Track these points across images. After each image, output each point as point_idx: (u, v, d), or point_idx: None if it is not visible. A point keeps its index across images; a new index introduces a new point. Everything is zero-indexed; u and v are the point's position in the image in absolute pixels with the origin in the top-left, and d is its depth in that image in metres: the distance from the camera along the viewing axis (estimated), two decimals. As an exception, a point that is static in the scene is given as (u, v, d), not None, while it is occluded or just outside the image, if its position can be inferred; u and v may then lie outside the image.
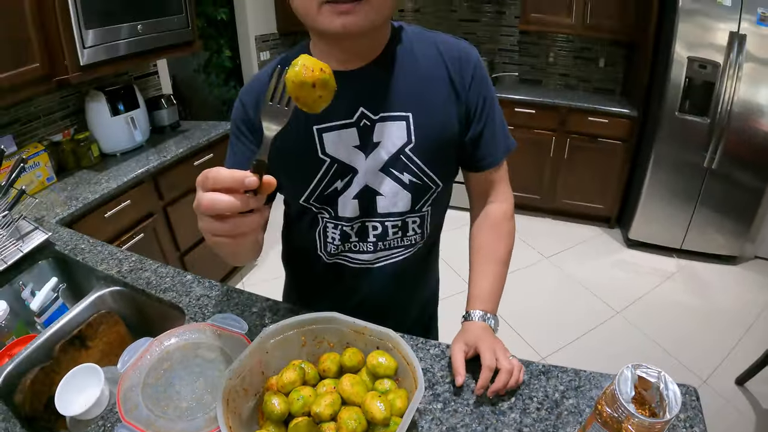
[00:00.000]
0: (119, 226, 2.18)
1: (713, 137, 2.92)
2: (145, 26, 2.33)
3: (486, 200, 1.01)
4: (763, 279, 3.16)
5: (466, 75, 0.87)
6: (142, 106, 2.57)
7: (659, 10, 3.01)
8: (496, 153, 0.93)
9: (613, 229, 3.72)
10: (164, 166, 2.39)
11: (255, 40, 3.95)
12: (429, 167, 0.88)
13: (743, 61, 2.73)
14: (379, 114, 0.84)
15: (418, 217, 0.94)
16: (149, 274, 1.25)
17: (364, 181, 0.88)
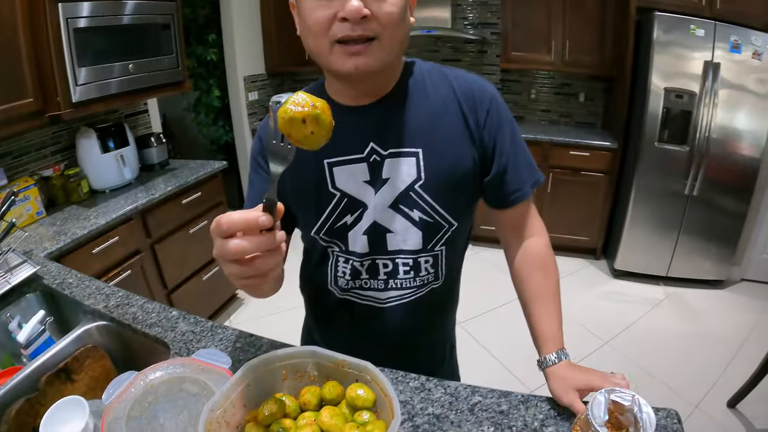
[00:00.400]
0: (107, 262, 2.18)
1: (693, 165, 3.00)
2: (136, 65, 2.39)
3: (521, 236, 0.97)
4: (750, 301, 3.20)
5: (481, 112, 0.86)
6: (132, 144, 2.60)
7: (635, 44, 3.12)
8: (523, 187, 0.91)
9: (599, 261, 3.75)
10: (152, 204, 2.40)
11: (243, 81, 4.04)
12: (440, 205, 0.87)
13: (719, 88, 2.83)
14: (388, 150, 0.84)
15: (431, 256, 0.92)
16: (135, 310, 1.25)
17: (373, 217, 0.87)
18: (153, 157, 2.82)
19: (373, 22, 0.70)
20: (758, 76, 2.80)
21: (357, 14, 0.68)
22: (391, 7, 0.71)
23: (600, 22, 3.34)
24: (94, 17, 2.13)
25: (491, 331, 2.83)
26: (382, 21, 0.71)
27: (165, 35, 2.56)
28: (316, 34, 0.72)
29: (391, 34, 0.73)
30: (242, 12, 3.91)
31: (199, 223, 2.72)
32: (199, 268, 2.76)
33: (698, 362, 2.61)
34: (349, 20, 0.68)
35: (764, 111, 2.85)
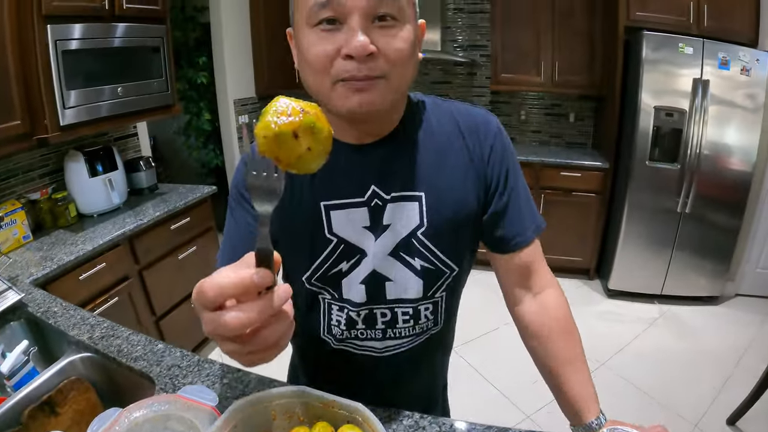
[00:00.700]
0: (94, 288, 2.13)
1: (685, 182, 3.01)
2: (125, 89, 2.37)
3: (529, 288, 0.89)
4: (746, 316, 3.19)
5: (485, 146, 0.82)
6: (120, 168, 2.57)
7: (624, 63, 3.15)
8: (525, 231, 0.85)
9: (592, 281, 3.73)
10: (141, 229, 2.36)
11: (234, 104, 4.03)
12: (443, 252, 0.82)
13: (708, 104, 2.86)
14: (390, 194, 0.78)
15: (431, 303, 0.86)
16: (121, 342, 1.21)
17: (372, 265, 0.81)
18: (142, 181, 2.79)
19: (380, 60, 0.64)
20: (746, 92, 2.84)
21: (363, 51, 0.62)
22: (401, 44, 0.66)
23: (589, 42, 3.39)
24: (83, 39, 2.12)
25: (485, 356, 2.79)
26: (390, 58, 0.65)
27: (154, 58, 2.55)
28: (316, 71, 0.66)
29: (400, 73, 0.68)
30: (232, 35, 3.91)
31: (188, 249, 2.68)
32: (188, 294, 2.70)
33: (696, 380, 2.58)
34: (355, 58, 0.63)
35: (754, 125, 2.88)
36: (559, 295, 0.88)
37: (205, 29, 4.01)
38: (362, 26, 0.62)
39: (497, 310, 2.89)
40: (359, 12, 0.62)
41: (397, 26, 0.66)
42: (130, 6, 2.34)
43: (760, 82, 2.81)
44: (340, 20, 0.63)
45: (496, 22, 3.58)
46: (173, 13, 3.90)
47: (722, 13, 2.92)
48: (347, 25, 0.63)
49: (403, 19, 0.66)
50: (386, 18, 0.64)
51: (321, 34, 0.64)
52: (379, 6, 0.63)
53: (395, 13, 0.65)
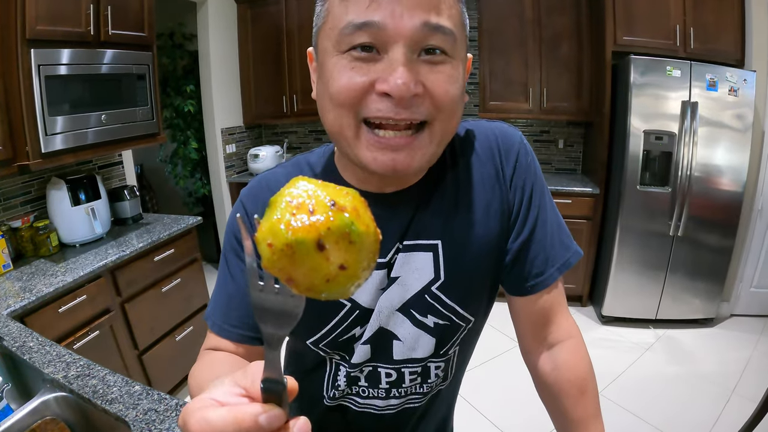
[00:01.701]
0: (74, 321, 2.04)
1: (676, 205, 2.99)
2: (109, 116, 2.32)
3: (545, 338, 0.76)
4: (742, 335, 3.16)
5: (507, 167, 0.70)
6: (103, 197, 2.50)
7: (612, 88, 3.16)
8: (547, 269, 0.71)
9: (585, 308, 3.66)
10: (123, 261, 2.28)
11: (221, 133, 4.01)
12: (459, 304, 0.70)
13: (697, 126, 2.86)
14: (404, 242, 0.67)
15: (442, 361, 0.76)
16: (96, 382, 1.14)
17: (378, 323, 0.70)
18: (126, 210, 2.72)
19: (425, 103, 0.53)
20: (735, 112, 2.85)
21: (406, 92, 0.50)
22: (452, 84, 0.54)
23: (576, 68, 3.41)
24: (67, 65, 2.09)
25: (482, 388, 2.70)
26: (437, 102, 0.53)
27: (140, 86, 2.51)
28: (339, 106, 0.54)
29: (446, 120, 0.55)
30: (220, 63, 3.92)
31: (172, 281, 2.59)
32: (171, 328, 2.62)
33: (695, 405, 2.52)
34: (393, 97, 0.51)
35: (743, 145, 2.89)
36: (576, 350, 0.75)
37: (193, 57, 4.04)
38: (407, 59, 0.51)
39: (493, 337, 2.83)
40: (405, 40, 0.50)
41: (448, 62, 0.54)
42: (116, 32, 2.32)
43: (749, 102, 2.83)
44: (379, 48, 0.51)
45: (484, 50, 3.59)
46: (162, 40, 3.93)
47: (708, 35, 2.96)
48: (388, 55, 0.51)
49: (454, 55, 0.54)
50: (435, 51, 0.52)
51: (353, 63, 0.52)
52: (431, 36, 0.51)
53: (448, 48, 0.53)
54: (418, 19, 0.50)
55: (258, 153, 4.04)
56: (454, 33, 0.53)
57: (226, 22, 3.97)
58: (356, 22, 0.50)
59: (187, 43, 4.14)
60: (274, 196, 0.31)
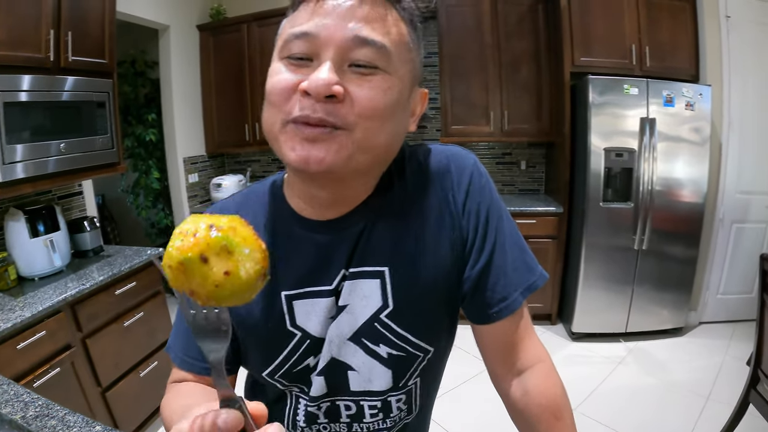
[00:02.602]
0: (34, 358, 1.93)
1: (639, 219, 3.08)
2: (68, 145, 2.24)
3: (514, 365, 0.73)
4: (712, 342, 3.24)
5: (459, 193, 0.68)
6: (63, 229, 2.40)
7: (572, 108, 3.26)
8: (511, 294, 0.68)
9: (555, 326, 3.68)
10: (83, 295, 2.17)
11: (183, 162, 3.94)
12: (414, 334, 0.68)
13: (656, 142, 2.97)
14: (350, 270, 0.66)
15: (403, 393, 0.73)
16: (56, 423, 1.07)
17: (329, 353, 0.68)
18: (86, 242, 2.60)
19: (345, 107, 0.54)
20: (692, 125, 2.98)
21: (323, 89, 0.52)
22: (376, 93, 0.55)
23: (536, 89, 3.52)
24: (27, 92, 2.02)
25: (456, 414, 2.65)
26: (358, 108, 0.54)
27: (100, 114, 2.44)
28: (271, 104, 0.56)
29: (369, 129, 0.55)
30: (182, 91, 3.88)
31: (135, 315, 2.48)
32: (135, 363, 2.49)
33: (672, 414, 2.55)
34: (312, 96, 0.53)
35: (702, 157, 3.01)
36: (547, 375, 0.72)
37: (155, 85, 3.98)
38: (333, 63, 0.53)
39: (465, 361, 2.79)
40: (335, 49, 0.53)
41: (379, 74, 0.55)
42: (77, 59, 2.27)
43: (705, 116, 2.96)
44: (313, 56, 0.54)
45: (445, 75, 3.65)
46: (123, 67, 3.87)
47: (663, 52, 3.12)
48: (319, 61, 0.54)
49: (388, 70, 0.56)
50: (366, 65, 0.54)
51: (289, 64, 0.56)
52: (360, 49, 0.54)
53: (378, 62, 0.55)
54: (349, 32, 0.53)
55: (221, 182, 3.98)
56: (386, 48, 0.55)
57: (189, 49, 3.95)
58: (296, 32, 0.55)
59: (149, 71, 4.10)
60: (174, 231, 0.36)
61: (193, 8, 3.98)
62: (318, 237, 0.67)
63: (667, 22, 3.11)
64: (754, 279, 3.39)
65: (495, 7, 3.44)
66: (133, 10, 3.25)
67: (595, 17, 3.09)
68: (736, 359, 3.00)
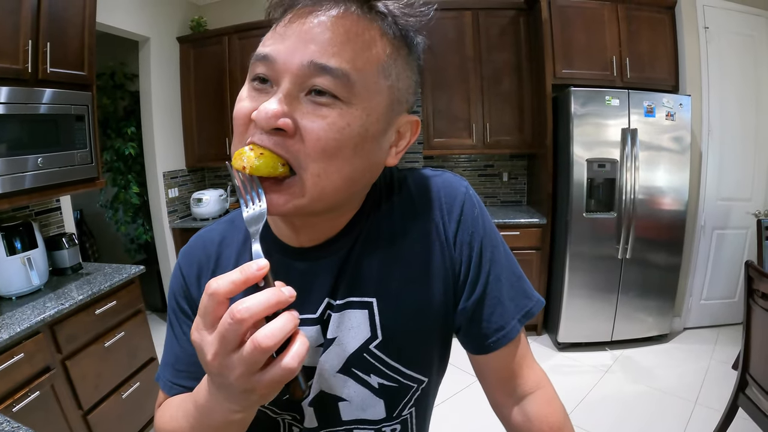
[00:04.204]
0: (11, 382, 1.84)
1: (623, 229, 3.11)
2: (46, 160, 2.16)
3: (512, 392, 0.73)
4: (697, 347, 3.29)
5: (450, 224, 0.66)
6: (41, 246, 2.31)
7: (554, 119, 3.29)
8: (509, 322, 0.67)
9: (541, 336, 3.69)
10: (62, 315, 2.09)
11: (163, 176, 3.86)
12: (406, 365, 0.66)
13: (638, 152, 3.02)
14: (337, 301, 0.64)
15: (398, 424, 0.72)
16: None
17: (318, 386, 0.67)
18: (65, 260, 2.51)
19: (296, 142, 0.50)
20: (673, 135, 3.03)
21: (267, 121, 0.49)
22: (327, 132, 0.50)
23: (518, 101, 3.55)
24: (4, 104, 1.95)
25: (450, 425, 2.63)
26: (307, 146, 0.50)
27: (78, 127, 2.36)
28: (235, 132, 0.55)
29: (319, 172, 0.51)
30: (162, 104, 3.82)
31: (116, 335, 2.39)
32: (117, 385, 2.40)
33: (661, 420, 2.56)
34: (260, 126, 0.50)
35: (682, 166, 3.06)
36: (548, 400, 0.73)
37: (134, 98, 3.92)
38: (287, 93, 0.50)
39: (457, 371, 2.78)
40: (290, 76, 0.50)
41: (335, 107, 0.50)
42: (55, 70, 2.19)
43: (685, 125, 3.02)
44: (273, 81, 0.51)
45: (427, 88, 3.66)
46: (102, 80, 3.80)
47: (643, 64, 3.19)
48: (278, 87, 0.51)
49: (349, 102, 0.51)
50: (324, 94, 0.50)
51: (251, 92, 0.53)
52: (318, 74, 0.49)
53: (338, 92, 0.50)
54: (307, 57, 0.49)
55: (201, 197, 3.90)
56: (348, 76, 0.50)
57: (169, 62, 3.90)
58: (258, 54, 0.52)
59: (128, 83, 4.02)
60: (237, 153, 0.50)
61: (173, 20, 3.94)
62: (299, 264, 0.65)
63: (647, 34, 3.18)
64: (736, 284, 3.48)
65: (477, 20, 3.48)
66: (113, 21, 3.19)
67: (575, 30, 3.14)
68: (722, 363, 3.05)
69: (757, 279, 1.89)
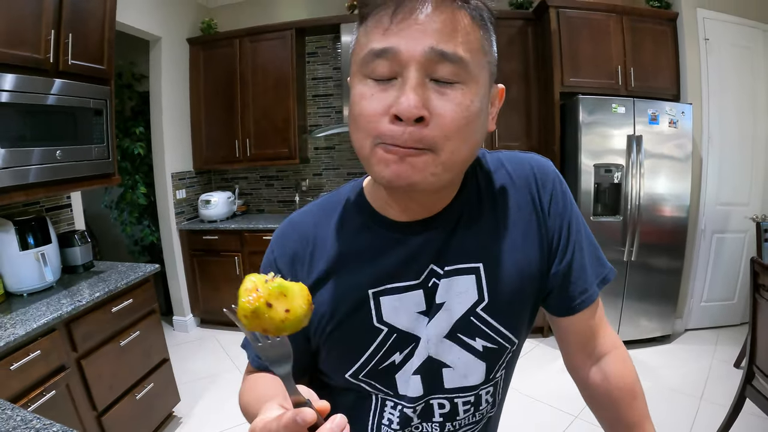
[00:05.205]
0: (27, 380, 1.77)
1: (628, 233, 3.18)
2: (64, 152, 2.12)
3: (593, 353, 0.79)
4: (698, 347, 3.37)
5: (544, 195, 0.72)
6: (54, 242, 2.25)
7: (561, 126, 3.36)
8: (590, 287, 0.74)
9: (547, 338, 3.73)
10: (79, 312, 2.03)
11: (171, 177, 3.83)
12: (505, 325, 0.71)
13: (643, 158, 3.10)
14: (445, 268, 0.69)
15: (491, 386, 0.76)
16: None
17: (426, 352, 0.70)
18: (77, 257, 2.45)
19: (431, 128, 0.55)
20: (676, 143, 3.13)
21: (410, 114, 0.53)
22: (459, 110, 0.55)
23: (526, 109, 3.61)
24: (22, 93, 1.90)
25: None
26: (443, 127, 0.55)
27: (96, 122, 2.33)
28: (360, 129, 0.58)
29: (454, 147, 0.56)
30: (172, 105, 3.80)
31: (131, 335, 2.34)
32: (131, 385, 2.34)
33: (668, 415, 2.60)
34: (403, 120, 0.54)
35: (685, 173, 3.17)
36: (624, 359, 0.79)
37: (142, 98, 3.88)
38: (417, 82, 0.54)
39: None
40: (416, 64, 0.54)
41: (459, 88, 0.56)
42: (76, 63, 2.17)
43: (687, 132, 3.13)
44: (396, 72, 0.55)
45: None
46: (111, 78, 3.77)
47: (647, 73, 3.29)
48: (401, 79, 0.55)
49: (467, 81, 0.56)
50: (446, 77, 0.55)
51: (372, 89, 0.57)
52: (440, 61, 0.54)
53: (458, 75, 0.55)
54: (428, 45, 0.54)
55: (210, 199, 3.87)
56: (463, 60, 0.55)
57: (178, 63, 3.88)
58: (375, 49, 0.55)
59: (136, 84, 3.99)
60: (240, 290, 0.47)
61: (184, 21, 3.94)
62: (404, 237, 0.69)
63: (650, 45, 3.29)
64: (735, 286, 3.58)
65: (486, 29, 3.54)
66: (128, 19, 3.18)
67: (582, 40, 3.23)
68: (723, 362, 3.13)
69: (763, 274, 1.95)
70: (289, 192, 4.42)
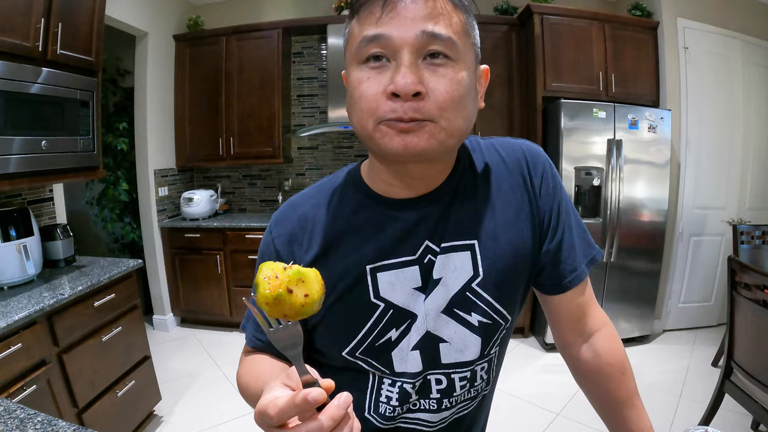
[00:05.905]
0: (7, 374, 1.72)
1: (607, 234, 3.26)
2: (50, 143, 2.08)
3: (584, 331, 0.83)
4: (676, 347, 3.45)
5: (535, 178, 0.76)
6: (36, 234, 2.20)
7: (543, 131, 3.43)
8: (578, 266, 0.78)
9: (528, 338, 3.78)
10: (61, 305, 1.99)
11: (154, 174, 3.78)
12: (499, 301, 0.74)
13: (623, 163, 3.19)
14: (441, 245, 0.72)
15: (486, 362, 0.79)
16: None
17: (424, 327, 0.73)
18: (59, 251, 2.40)
19: (428, 102, 0.59)
20: (655, 148, 3.23)
21: (410, 88, 0.58)
22: (453, 85, 0.60)
23: (508, 113, 3.67)
24: (9, 80, 1.88)
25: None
26: (439, 101, 0.60)
27: (83, 113, 2.30)
28: (361, 111, 0.62)
29: (450, 117, 0.61)
30: (156, 102, 3.76)
31: (113, 330, 2.30)
32: (113, 382, 2.30)
33: (649, 411, 2.61)
34: (401, 97, 0.59)
35: (663, 178, 3.26)
36: (613, 336, 0.84)
37: (126, 94, 3.83)
38: (411, 63, 0.59)
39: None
40: (408, 48, 0.59)
41: (450, 66, 0.60)
42: (64, 52, 2.15)
43: (665, 137, 3.23)
44: (388, 56, 0.60)
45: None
46: (94, 73, 3.73)
47: (627, 79, 3.39)
48: (395, 61, 0.60)
49: (457, 59, 0.61)
50: (438, 56, 0.60)
51: (368, 72, 0.61)
52: (431, 42, 0.59)
53: (448, 52, 0.60)
54: (418, 29, 0.59)
55: (192, 197, 3.83)
56: (451, 38, 0.60)
57: (164, 59, 3.85)
58: (369, 35, 0.60)
59: (120, 79, 3.94)
60: (255, 279, 0.48)
61: (170, 17, 3.91)
62: (400, 213, 0.72)
63: (631, 52, 3.39)
64: (712, 288, 3.69)
65: (470, 34, 3.60)
66: (116, 13, 3.15)
67: (565, 46, 3.31)
68: (702, 361, 3.21)
69: (740, 271, 2.02)
70: (272, 191, 4.41)
